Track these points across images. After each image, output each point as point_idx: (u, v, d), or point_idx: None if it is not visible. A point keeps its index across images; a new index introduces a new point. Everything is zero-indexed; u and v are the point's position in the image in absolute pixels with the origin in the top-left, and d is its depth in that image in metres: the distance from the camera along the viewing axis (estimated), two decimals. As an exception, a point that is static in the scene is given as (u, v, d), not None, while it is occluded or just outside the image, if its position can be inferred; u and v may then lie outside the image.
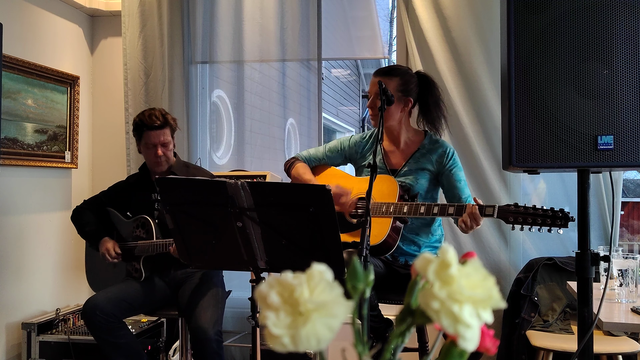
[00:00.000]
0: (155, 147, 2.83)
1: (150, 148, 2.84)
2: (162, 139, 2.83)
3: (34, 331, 3.33)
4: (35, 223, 3.60)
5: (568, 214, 2.14)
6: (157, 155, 2.83)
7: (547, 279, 3.17)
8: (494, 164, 3.38)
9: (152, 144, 2.83)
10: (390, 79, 2.54)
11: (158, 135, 2.82)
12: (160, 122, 2.81)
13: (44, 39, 3.66)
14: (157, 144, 2.82)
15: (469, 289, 0.51)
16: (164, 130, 2.83)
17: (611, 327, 2.34)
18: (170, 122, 2.87)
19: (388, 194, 2.49)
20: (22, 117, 3.44)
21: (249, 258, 2.06)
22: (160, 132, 2.82)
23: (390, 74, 2.57)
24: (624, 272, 2.23)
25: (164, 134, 2.83)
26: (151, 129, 2.81)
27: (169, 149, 2.87)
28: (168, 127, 2.85)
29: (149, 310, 2.95)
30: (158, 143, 2.82)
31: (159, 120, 2.81)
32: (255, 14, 3.77)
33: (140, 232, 2.87)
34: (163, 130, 2.83)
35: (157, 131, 2.81)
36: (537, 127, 1.69)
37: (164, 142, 2.84)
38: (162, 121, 2.82)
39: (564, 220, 2.13)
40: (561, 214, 2.13)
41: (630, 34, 1.64)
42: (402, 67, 2.72)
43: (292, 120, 4.11)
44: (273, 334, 0.51)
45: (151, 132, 2.81)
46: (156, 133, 2.82)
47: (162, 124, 2.82)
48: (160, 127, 2.81)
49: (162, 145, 2.83)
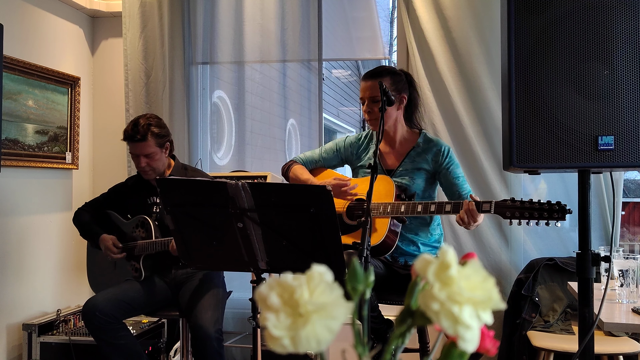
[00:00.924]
0: (138, 158, 2.82)
1: (134, 157, 2.85)
2: (144, 150, 2.79)
3: (35, 332, 3.33)
4: (36, 224, 3.60)
5: (565, 207, 2.13)
6: (140, 166, 2.82)
7: (548, 280, 3.17)
8: (494, 164, 3.38)
9: (135, 154, 2.82)
10: (382, 79, 2.55)
11: (139, 147, 2.79)
12: (139, 137, 2.76)
13: (44, 40, 3.66)
14: (140, 155, 2.80)
15: (468, 290, 0.51)
16: (145, 143, 2.78)
17: (612, 328, 2.34)
18: (149, 137, 2.77)
19: (385, 194, 2.49)
20: (23, 118, 3.44)
21: (250, 259, 2.06)
22: (141, 145, 2.78)
23: (381, 74, 2.57)
24: (624, 272, 2.23)
25: (145, 146, 2.78)
26: (130, 141, 2.80)
27: (154, 159, 2.82)
28: (150, 139, 2.78)
29: (150, 311, 2.95)
30: (140, 154, 2.80)
31: (139, 134, 2.76)
32: (256, 15, 3.77)
33: (140, 231, 2.87)
34: (143, 143, 2.78)
35: (138, 144, 2.78)
36: (537, 127, 1.69)
37: (147, 153, 2.80)
38: (142, 134, 2.76)
39: (561, 213, 2.12)
40: (558, 207, 2.13)
41: (630, 34, 1.64)
42: (388, 66, 2.73)
43: (293, 121, 4.11)
44: (273, 336, 0.51)
45: (131, 144, 2.81)
46: (136, 145, 2.79)
47: (142, 137, 2.76)
48: (139, 141, 2.77)
49: (145, 157, 2.80)
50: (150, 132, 2.79)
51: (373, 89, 2.56)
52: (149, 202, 2.95)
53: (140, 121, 2.80)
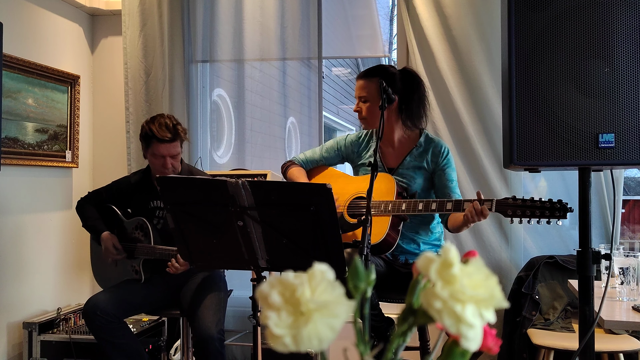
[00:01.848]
0: (164, 158, 2.74)
1: (158, 158, 2.75)
2: (172, 151, 2.74)
3: (35, 331, 3.33)
4: (36, 222, 3.60)
5: (566, 205, 2.13)
6: (166, 167, 2.74)
7: (548, 277, 3.17)
8: (494, 162, 3.38)
9: (161, 155, 2.74)
10: (370, 80, 2.54)
11: (168, 148, 2.72)
12: (171, 136, 2.70)
13: (44, 38, 3.65)
14: (166, 156, 2.73)
15: (471, 289, 0.51)
16: (174, 143, 2.73)
17: (612, 326, 2.34)
18: (180, 134, 2.75)
19: (386, 192, 2.49)
20: (23, 116, 3.44)
21: (250, 257, 2.06)
22: (170, 145, 2.72)
23: (371, 74, 2.56)
24: (625, 270, 2.22)
25: (173, 147, 2.73)
26: (161, 142, 2.70)
27: (177, 160, 2.78)
28: (178, 139, 2.75)
29: (150, 310, 2.94)
30: (167, 155, 2.73)
31: (170, 134, 2.70)
32: (256, 13, 3.76)
33: (139, 234, 2.85)
34: (173, 143, 2.73)
35: (167, 144, 2.71)
36: (538, 125, 1.69)
37: (175, 154, 2.75)
38: (173, 134, 2.71)
39: (562, 211, 2.12)
40: (559, 205, 2.13)
41: (631, 31, 1.64)
42: (384, 65, 2.71)
43: (293, 119, 4.11)
44: (274, 334, 0.50)
45: (161, 144, 2.71)
46: (166, 146, 2.72)
47: (173, 137, 2.71)
48: (170, 141, 2.71)
49: (171, 157, 2.74)
50: (180, 131, 2.75)
51: (361, 89, 2.57)
52: (151, 206, 2.91)
53: (167, 121, 2.73)
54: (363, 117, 2.59)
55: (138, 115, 3.82)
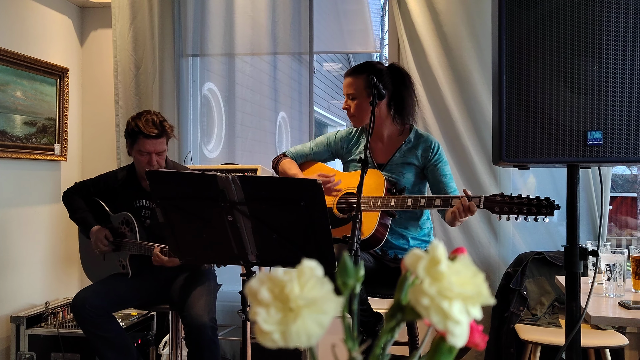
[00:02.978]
0: (149, 155, 2.71)
1: (144, 155, 2.72)
2: (158, 147, 2.71)
3: (23, 324, 3.32)
4: (25, 216, 3.57)
5: (553, 202, 2.16)
6: (151, 164, 2.71)
7: (536, 273, 3.19)
8: (484, 159, 3.39)
9: (147, 151, 2.71)
10: (357, 77, 2.55)
11: (154, 144, 2.69)
12: (157, 132, 2.67)
13: (32, 30, 3.62)
14: (152, 153, 2.71)
15: (458, 286, 0.51)
16: (161, 140, 2.71)
17: (599, 321, 2.36)
18: (167, 130, 2.72)
19: (375, 187, 2.50)
20: (11, 109, 3.41)
21: (240, 252, 2.06)
22: (157, 142, 2.70)
23: (358, 71, 2.57)
24: (611, 266, 2.25)
25: (160, 143, 2.71)
26: (147, 137, 2.67)
27: (162, 157, 2.75)
28: (165, 136, 2.72)
29: (139, 305, 2.94)
30: (153, 151, 2.71)
31: (157, 129, 2.67)
32: (247, 7, 3.75)
33: (125, 229, 2.84)
34: (160, 139, 2.70)
35: (154, 140, 2.69)
36: (527, 122, 1.70)
37: (159, 150, 2.72)
38: (160, 130, 2.68)
39: (549, 208, 2.15)
40: (546, 203, 2.16)
41: (620, 30, 1.65)
42: (371, 62, 2.71)
43: (284, 114, 4.10)
44: (263, 330, 0.51)
45: (147, 140, 2.68)
46: (152, 142, 2.69)
47: (159, 134, 2.68)
48: (157, 137, 2.69)
49: (156, 154, 2.72)
50: (166, 128, 2.72)
51: (348, 86, 2.58)
52: (136, 205, 2.89)
53: (153, 117, 2.70)
54: (352, 114, 2.60)
55: (128, 109, 3.80)
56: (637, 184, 6.11)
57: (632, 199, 6.15)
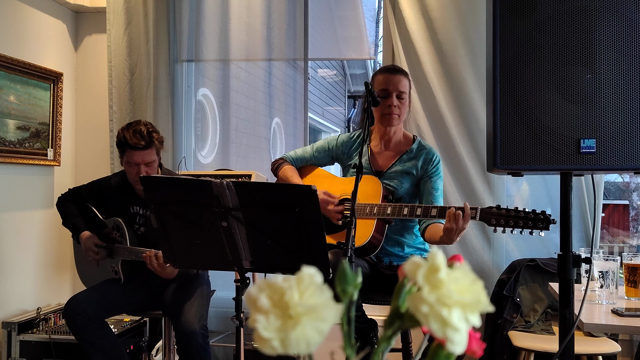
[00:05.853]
0: (137, 166, 2.69)
1: (132, 166, 2.71)
2: (146, 158, 2.69)
3: (15, 330, 3.29)
4: (17, 221, 3.55)
5: (549, 217, 2.16)
6: (139, 175, 2.67)
7: (529, 280, 3.20)
8: (478, 166, 3.40)
9: (135, 162, 2.69)
10: (406, 77, 2.60)
11: (142, 156, 2.68)
12: (144, 143, 2.65)
13: (27, 34, 3.61)
14: (140, 164, 2.69)
15: (457, 293, 0.52)
16: (148, 151, 2.68)
17: (592, 328, 2.37)
18: (155, 142, 2.70)
19: (372, 194, 2.50)
20: (4, 113, 3.39)
21: (234, 258, 2.06)
22: (144, 153, 2.67)
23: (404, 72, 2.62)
24: (604, 273, 2.26)
25: (148, 154, 2.69)
26: (134, 149, 2.66)
27: (152, 168, 2.73)
28: (153, 147, 2.70)
29: (132, 310, 2.92)
30: (141, 163, 2.69)
31: (144, 141, 2.65)
32: (242, 13, 3.76)
33: (116, 234, 2.83)
34: (147, 150, 2.68)
35: (141, 152, 2.67)
36: (521, 129, 1.71)
37: (148, 161, 2.70)
38: (147, 142, 2.66)
39: (545, 222, 2.15)
40: (542, 217, 2.15)
41: (613, 38, 1.67)
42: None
43: (278, 120, 4.10)
44: (263, 337, 0.51)
45: (134, 152, 2.66)
46: (140, 153, 2.67)
47: (147, 145, 2.66)
48: (144, 148, 2.66)
49: (145, 165, 2.69)
50: (154, 139, 2.70)
51: (404, 85, 2.56)
52: (131, 212, 2.88)
53: (141, 128, 2.68)
54: (399, 113, 2.57)
55: (122, 114, 3.80)
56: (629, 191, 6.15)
57: (624, 207, 6.19)
